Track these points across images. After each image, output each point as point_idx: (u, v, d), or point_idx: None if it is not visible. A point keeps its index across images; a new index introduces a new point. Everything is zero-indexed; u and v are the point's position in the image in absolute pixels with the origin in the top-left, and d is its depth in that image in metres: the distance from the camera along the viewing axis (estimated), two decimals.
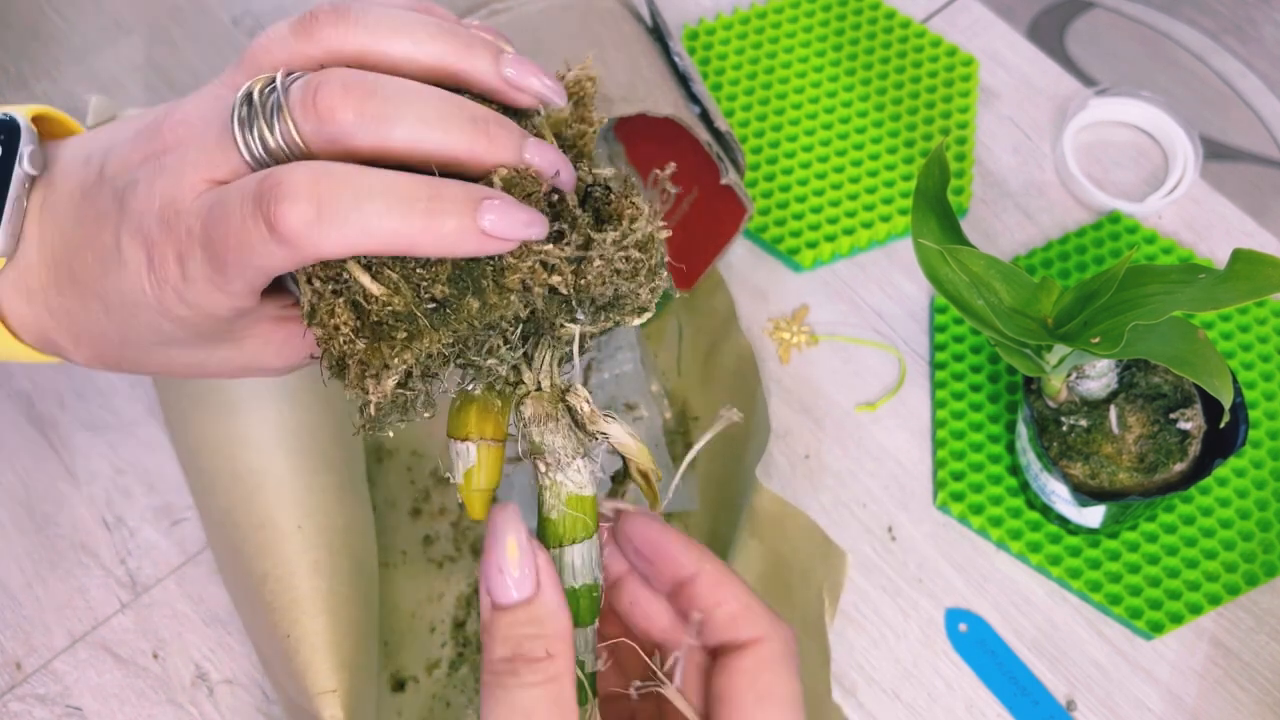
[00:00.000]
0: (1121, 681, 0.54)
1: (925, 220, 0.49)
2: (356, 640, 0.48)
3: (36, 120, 0.38)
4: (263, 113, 0.31)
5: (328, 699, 0.46)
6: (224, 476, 0.50)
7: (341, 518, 0.50)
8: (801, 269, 0.64)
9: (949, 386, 0.60)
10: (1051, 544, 0.56)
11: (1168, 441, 0.52)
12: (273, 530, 0.49)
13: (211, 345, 0.36)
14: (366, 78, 0.31)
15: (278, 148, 0.31)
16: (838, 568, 0.54)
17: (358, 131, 0.31)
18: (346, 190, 0.30)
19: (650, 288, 0.34)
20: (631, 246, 0.33)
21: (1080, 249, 0.64)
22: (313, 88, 0.31)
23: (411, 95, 0.31)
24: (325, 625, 0.47)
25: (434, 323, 0.31)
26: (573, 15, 0.57)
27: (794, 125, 0.68)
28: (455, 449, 0.35)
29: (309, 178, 0.30)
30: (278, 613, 0.48)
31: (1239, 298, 0.44)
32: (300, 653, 0.47)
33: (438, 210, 0.30)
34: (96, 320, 0.36)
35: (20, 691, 0.54)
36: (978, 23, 0.73)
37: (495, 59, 0.33)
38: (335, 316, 0.31)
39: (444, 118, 0.31)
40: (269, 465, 0.50)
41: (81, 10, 0.74)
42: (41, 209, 0.36)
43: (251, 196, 0.30)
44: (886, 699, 0.54)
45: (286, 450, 0.50)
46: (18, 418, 0.60)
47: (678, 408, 0.61)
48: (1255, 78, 0.72)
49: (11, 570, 0.57)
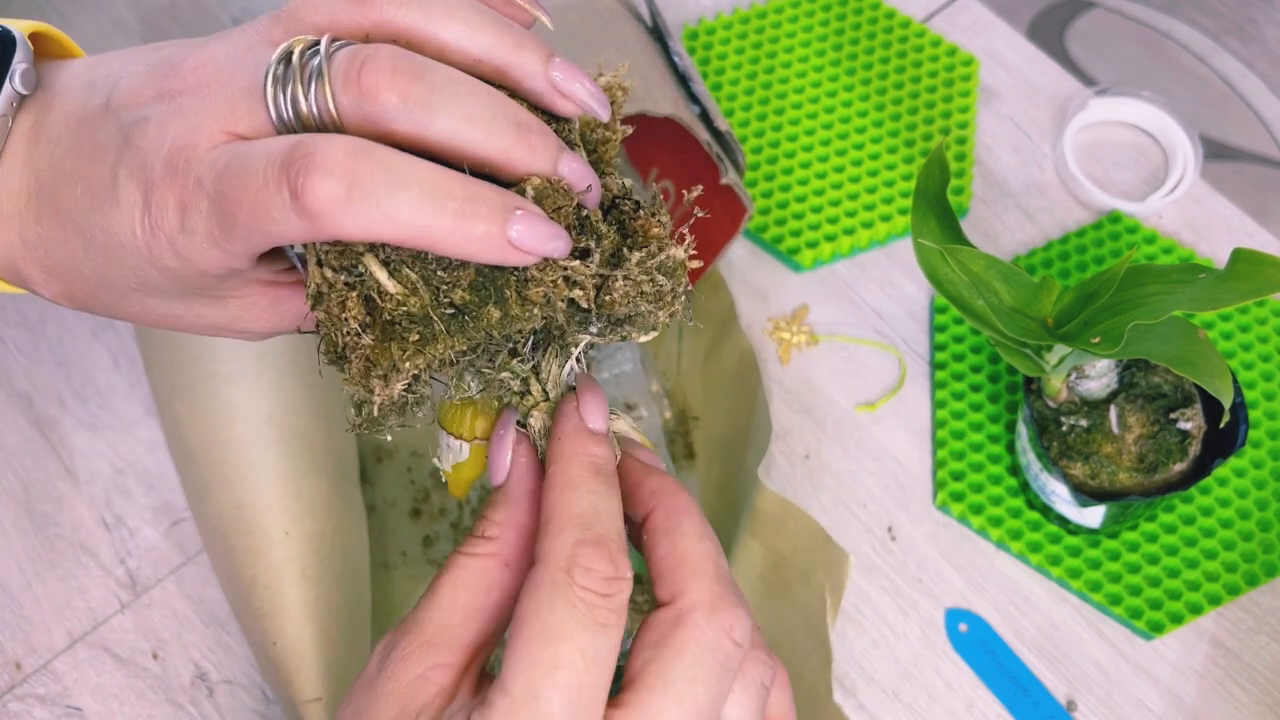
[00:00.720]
0: (1122, 682, 0.54)
1: (925, 220, 0.49)
2: (345, 647, 0.48)
3: (34, 38, 0.36)
4: (300, 75, 0.30)
5: (313, 708, 0.46)
6: (215, 481, 0.50)
7: (331, 522, 0.50)
8: (801, 269, 0.64)
9: (949, 386, 0.60)
10: (1051, 544, 0.56)
11: (1168, 441, 0.52)
12: (261, 536, 0.48)
13: (192, 299, 0.34)
14: (416, 61, 0.30)
15: (309, 115, 0.30)
16: (840, 568, 0.54)
17: (399, 116, 0.29)
18: (382, 174, 0.29)
19: (670, 312, 0.33)
20: (656, 270, 0.32)
21: (1080, 249, 0.64)
22: (359, 61, 0.29)
23: (460, 88, 0.30)
24: (312, 633, 0.47)
25: (450, 329, 0.30)
26: (573, 15, 0.57)
27: (794, 125, 0.68)
28: (448, 442, 0.35)
29: (346, 153, 0.28)
30: (266, 619, 0.47)
31: (1239, 298, 0.44)
32: (287, 660, 0.47)
33: (470, 213, 0.29)
34: (74, 256, 0.34)
35: (20, 691, 0.54)
36: (978, 22, 0.73)
37: (546, 61, 0.32)
38: (345, 310, 0.30)
39: (489, 117, 0.30)
40: (258, 470, 0.49)
41: (81, 9, 0.74)
42: (32, 131, 0.34)
43: (279, 160, 0.29)
44: (886, 699, 0.54)
45: (275, 455, 0.50)
46: (17, 418, 0.60)
47: (678, 408, 0.61)
48: (1256, 78, 0.72)
49: (11, 570, 0.57)
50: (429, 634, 0.32)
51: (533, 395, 0.34)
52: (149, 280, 0.33)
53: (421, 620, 0.32)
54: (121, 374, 0.61)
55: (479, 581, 0.32)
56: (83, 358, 0.62)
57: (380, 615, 0.55)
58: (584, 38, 0.56)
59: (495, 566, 0.33)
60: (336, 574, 0.49)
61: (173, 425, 0.53)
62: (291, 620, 0.47)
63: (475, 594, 0.32)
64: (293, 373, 0.51)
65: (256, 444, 0.50)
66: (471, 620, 0.32)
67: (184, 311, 0.35)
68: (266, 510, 0.49)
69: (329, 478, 0.51)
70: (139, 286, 0.33)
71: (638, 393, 0.60)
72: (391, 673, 0.32)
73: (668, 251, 0.32)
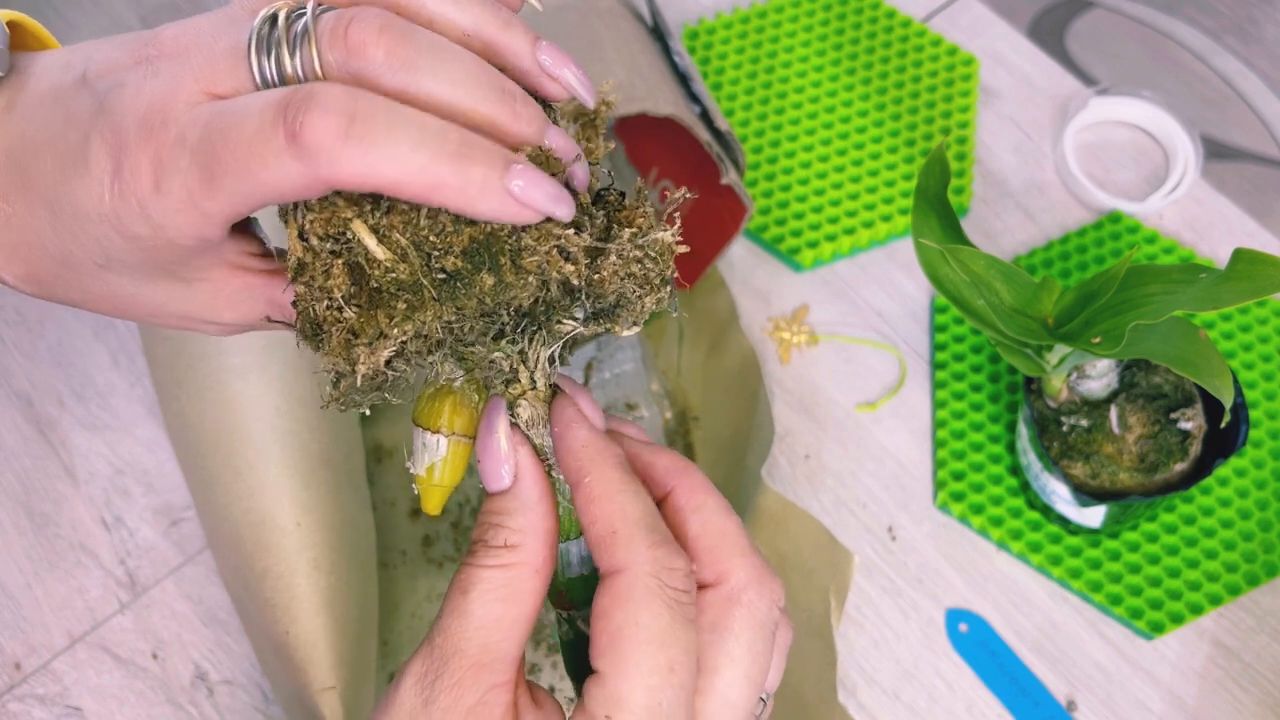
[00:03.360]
0: (1122, 682, 0.54)
1: (926, 220, 0.49)
2: (355, 637, 0.48)
3: (12, 29, 0.35)
4: (286, 36, 0.29)
5: (327, 695, 0.46)
6: (224, 473, 0.50)
7: (340, 514, 0.50)
8: (802, 269, 0.64)
9: (949, 386, 0.60)
10: (1052, 544, 0.56)
11: (1168, 441, 0.52)
12: (272, 527, 0.49)
13: (159, 278, 0.33)
14: (402, 23, 0.30)
15: (294, 75, 0.30)
16: (845, 569, 0.54)
17: (385, 72, 0.29)
18: (382, 113, 0.28)
19: (656, 298, 0.32)
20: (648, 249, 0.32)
21: (1081, 249, 0.64)
22: (346, 19, 0.29)
23: (445, 52, 0.30)
24: (325, 623, 0.47)
25: (441, 295, 0.29)
26: (573, 14, 0.57)
27: (794, 125, 0.68)
28: (423, 439, 0.33)
29: (344, 93, 0.28)
30: (278, 610, 0.48)
31: (1240, 297, 0.43)
32: (300, 650, 0.47)
33: (468, 156, 0.29)
34: (40, 231, 0.33)
35: (19, 691, 0.54)
36: (978, 22, 0.73)
37: (533, 42, 0.32)
38: (330, 278, 0.29)
39: (474, 82, 0.30)
40: (267, 462, 0.50)
41: (81, 9, 0.74)
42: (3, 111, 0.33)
43: (275, 103, 0.28)
44: (887, 699, 0.54)
45: (284, 447, 0.50)
46: (17, 418, 0.60)
47: (678, 407, 0.61)
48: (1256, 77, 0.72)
49: (11, 570, 0.56)
50: (474, 654, 0.31)
51: (520, 382, 0.33)
52: (114, 254, 0.32)
53: (460, 642, 0.31)
54: (121, 374, 0.61)
55: (513, 593, 0.32)
56: (82, 357, 0.62)
57: (381, 613, 0.55)
58: (584, 37, 0.56)
59: (525, 575, 0.32)
60: (346, 566, 0.49)
61: (178, 419, 0.53)
62: (304, 610, 0.47)
63: (512, 606, 0.31)
64: (299, 367, 0.51)
65: (265, 436, 0.50)
66: (514, 633, 0.31)
67: (151, 293, 0.34)
68: (277, 503, 0.49)
69: (337, 471, 0.51)
70: (103, 262, 0.32)
71: (638, 392, 0.60)
72: (446, 704, 0.31)
73: (656, 234, 0.32)
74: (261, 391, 0.50)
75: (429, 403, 0.34)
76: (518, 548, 0.32)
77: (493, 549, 0.32)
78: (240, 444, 0.50)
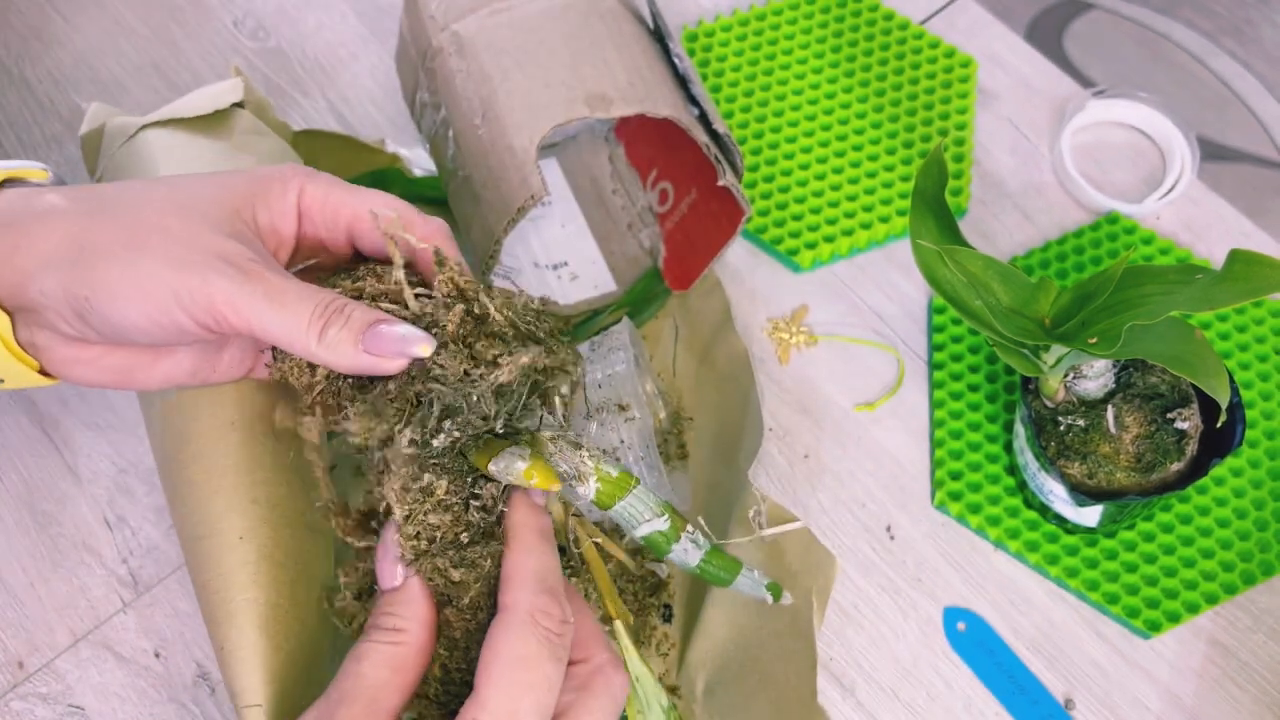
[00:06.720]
0: (1120, 680, 0.54)
1: (923, 221, 0.50)
2: (291, 653, 0.47)
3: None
4: None
5: (252, 713, 0.46)
6: (181, 486, 0.49)
7: (288, 529, 0.49)
8: (801, 269, 0.65)
9: (947, 386, 0.61)
10: (1049, 543, 0.56)
11: (1165, 441, 0.52)
12: (217, 540, 0.48)
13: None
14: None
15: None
16: (827, 571, 0.54)
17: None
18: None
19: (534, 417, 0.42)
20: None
21: (1078, 249, 0.65)
22: None
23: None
24: (256, 638, 0.46)
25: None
26: (573, 15, 0.57)
27: (793, 126, 0.69)
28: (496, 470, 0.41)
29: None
30: (214, 625, 0.47)
31: (1236, 298, 0.44)
32: (230, 665, 0.46)
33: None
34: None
35: (22, 690, 0.54)
36: (976, 24, 0.74)
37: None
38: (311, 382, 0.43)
39: None
40: (219, 474, 0.49)
41: (83, 11, 0.75)
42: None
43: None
44: (885, 698, 0.54)
45: (235, 459, 0.49)
46: (20, 417, 0.61)
47: (671, 409, 0.61)
48: (1253, 79, 0.73)
49: (14, 569, 0.57)
50: (362, 705, 0.38)
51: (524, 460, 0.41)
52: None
53: (352, 695, 0.38)
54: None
55: (400, 665, 0.39)
56: None
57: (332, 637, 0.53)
58: (586, 37, 0.56)
59: (411, 653, 0.39)
60: (290, 580, 0.48)
61: (154, 434, 0.52)
62: (236, 625, 0.46)
63: (397, 674, 0.39)
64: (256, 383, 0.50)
65: (219, 448, 0.49)
66: (396, 695, 0.39)
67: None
68: (223, 515, 0.48)
69: (288, 484, 0.50)
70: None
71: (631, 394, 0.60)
72: None
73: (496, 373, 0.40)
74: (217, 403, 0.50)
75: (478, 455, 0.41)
76: (405, 631, 0.39)
77: (385, 630, 0.39)
78: (198, 455, 0.49)
